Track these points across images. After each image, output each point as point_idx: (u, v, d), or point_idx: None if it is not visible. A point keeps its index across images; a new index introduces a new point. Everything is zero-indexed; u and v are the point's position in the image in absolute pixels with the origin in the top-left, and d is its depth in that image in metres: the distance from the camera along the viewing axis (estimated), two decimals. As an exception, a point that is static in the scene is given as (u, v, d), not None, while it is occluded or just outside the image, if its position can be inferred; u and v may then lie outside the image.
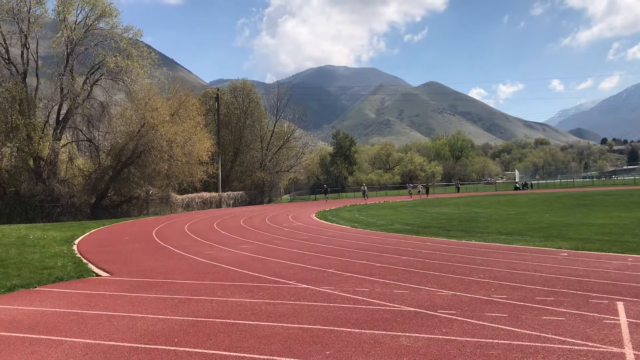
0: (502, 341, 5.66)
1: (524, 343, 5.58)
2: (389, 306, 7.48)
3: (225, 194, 54.90)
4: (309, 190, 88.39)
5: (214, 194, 52.80)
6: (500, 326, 6.27)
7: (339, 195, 76.33)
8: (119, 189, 44.02)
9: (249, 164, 66.16)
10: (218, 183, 55.05)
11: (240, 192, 58.95)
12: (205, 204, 49.88)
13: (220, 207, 51.38)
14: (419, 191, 64.73)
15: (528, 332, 6.00)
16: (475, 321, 6.53)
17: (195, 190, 51.02)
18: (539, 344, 5.52)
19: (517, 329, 6.12)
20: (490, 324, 6.37)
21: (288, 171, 71.06)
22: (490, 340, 5.69)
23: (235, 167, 64.77)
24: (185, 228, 23.89)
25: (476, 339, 5.75)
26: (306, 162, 76.75)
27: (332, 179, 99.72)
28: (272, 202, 63.30)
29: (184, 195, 48.56)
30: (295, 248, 15.05)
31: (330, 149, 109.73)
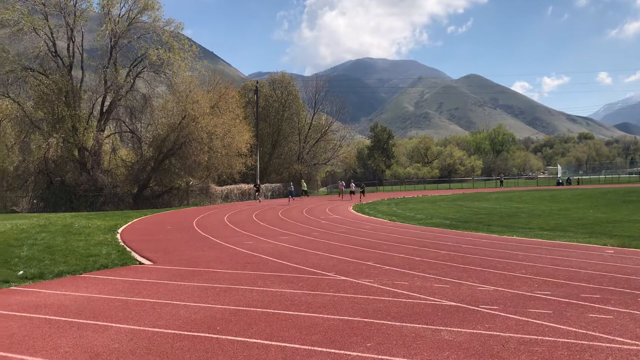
0: (547, 338, 5.54)
1: (569, 341, 5.45)
2: (430, 300, 7.42)
3: (263, 185, 55.33)
4: (346, 184, 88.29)
5: (252, 185, 53.29)
6: (545, 323, 6.14)
7: (375, 189, 76.03)
8: (160, 179, 44.90)
9: (287, 156, 66.47)
10: (256, 175, 55.49)
11: (278, 184, 59.31)
12: (244, 196, 50.40)
13: (258, 199, 51.79)
14: (352, 192, 45.71)
15: (574, 329, 5.85)
16: (519, 317, 6.41)
17: (234, 182, 51.57)
18: (586, 342, 5.39)
19: (562, 326, 5.98)
20: (534, 321, 6.24)
21: (325, 164, 71.11)
22: (534, 337, 5.58)
23: (273, 160, 65.17)
24: (225, 219, 24.19)
25: (520, 335, 5.65)
26: (343, 155, 76.68)
27: (369, 172, 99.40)
28: (308, 195, 63.55)
29: (223, 187, 49.18)
30: (333, 240, 15.07)
31: (368, 142, 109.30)
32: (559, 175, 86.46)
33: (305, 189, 52.55)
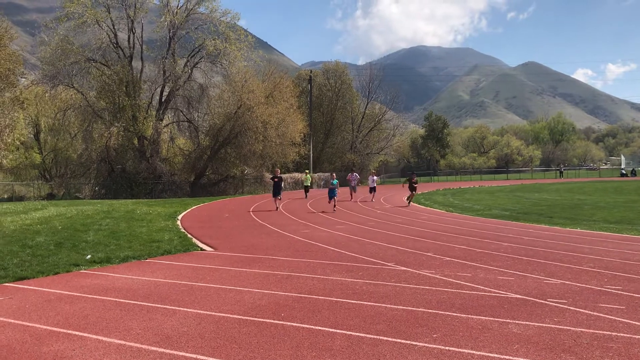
0: (622, 334, 5.34)
1: (646, 338, 5.23)
2: (495, 292, 7.27)
3: (315, 175, 55.56)
4: (399, 173, 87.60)
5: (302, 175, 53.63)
6: (618, 319, 5.91)
7: (430, 179, 75.08)
8: (216, 168, 45.72)
9: (340, 145, 66.45)
10: (309, 164, 55.76)
11: (329, 174, 59.40)
12: (297, 184, 50.74)
13: (312, 187, 52.09)
14: (372, 189, 30.95)
15: (650, 326, 5.61)
16: (590, 312, 6.20)
17: (288, 171, 51.97)
18: (665, 340, 5.15)
19: (637, 323, 5.74)
20: (607, 316, 6.02)
21: (378, 153, 70.68)
22: (608, 333, 5.39)
23: (325, 149, 65.29)
24: (281, 207, 24.42)
25: (592, 331, 5.46)
26: (397, 145, 76.03)
27: (423, 162, 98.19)
28: (362, 184, 63.35)
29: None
30: (390, 230, 14.98)
31: (422, 131, 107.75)
32: (622, 166, 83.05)
33: (308, 183, 35.32)
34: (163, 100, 43.75)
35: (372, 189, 30.71)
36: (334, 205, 22.32)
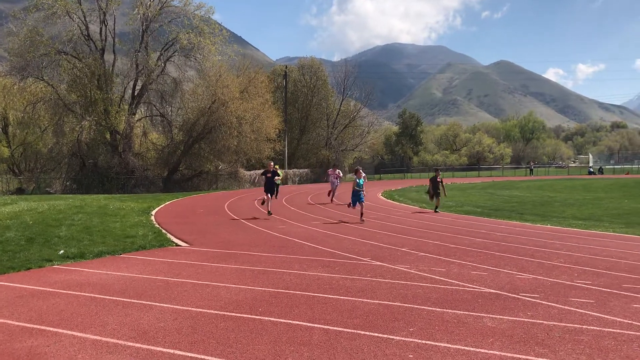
0: (592, 327, 5.48)
1: (615, 330, 5.38)
2: (469, 287, 7.39)
3: (291, 171, 55.53)
4: (373, 170, 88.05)
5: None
6: (589, 312, 6.07)
7: (403, 176, 75.66)
8: (190, 163, 45.39)
9: (315, 142, 66.49)
10: (284, 160, 55.69)
11: (306, 170, 59.44)
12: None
13: (286, 184, 52.04)
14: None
15: (619, 319, 5.78)
16: (561, 306, 6.35)
17: (263, 167, 51.75)
18: (633, 333, 5.31)
19: (606, 316, 5.90)
20: (577, 310, 6.18)
21: (353, 150, 70.93)
22: (579, 326, 5.53)
23: (301, 145, 65.27)
24: (255, 203, 24.35)
25: (564, 324, 5.60)
26: (371, 142, 76.37)
27: (396, 159, 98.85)
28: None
29: (252, 171, 49.47)
30: (365, 226, 15.07)
31: (396, 128, 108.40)
32: (590, 165, 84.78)
33: (279, 182, 25.67)
34: (136, 94, 43.20)
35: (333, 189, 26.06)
36: (362, 214, 16.40)
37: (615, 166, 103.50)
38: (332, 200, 25.33)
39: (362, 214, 16.36)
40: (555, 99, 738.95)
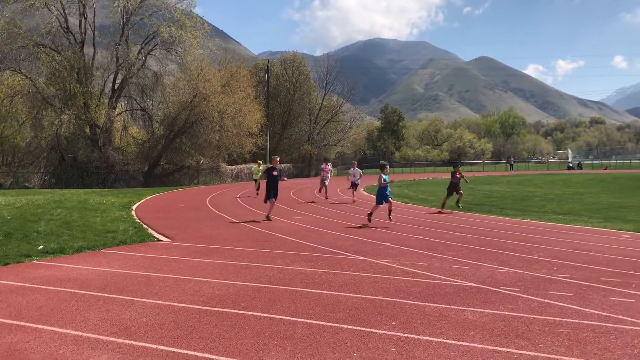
0: (571, 320, 5.57)
1: (593, 323, 5.47)
2: (450, 281, 7.45)
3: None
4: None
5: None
6: (567, 305, 6.16)
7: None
8: (171, 158, 45.04)
9: (297, 136, 66.41)
10: (266, 155, 55.53)
11: (288, 165, 59.33)
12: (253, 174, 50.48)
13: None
14: (354, 184, 22.90)
15: (597, 312, 5.88)
16: (541, 299, 6.44)
17: (245, 162, 51.62)
18: (610, 325, 5.41)
19: (585, 309, 6.00)
20: (556, 303, 6.27)
21: (335, 145, 71.00)
22: (558, 319, 5.61)
23: (283, 140, 65.13)
24: (237, 198, 24.28)
25: (543, 317, 5.68)
26: (353, 137, 76.48)
27: (379, 154, 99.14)
28: (319, 176, 63.49)
29: (233, 166, 49.27)
30: (348, 221, 15.11)
31: (378, 123, 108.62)
32: (569, 160, 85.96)
33: (256, 177, 26.22)
34: (116, 87, 42.69)
35: (355, 185, 22.82)
36: (390, 211, 15.10)
37: (594, 161, 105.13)
38: (326, 197, 23.41)
39: (390, 211, 15.06)
40: (535, 95, 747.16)
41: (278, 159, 16.82)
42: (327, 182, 23.97)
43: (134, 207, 19.05)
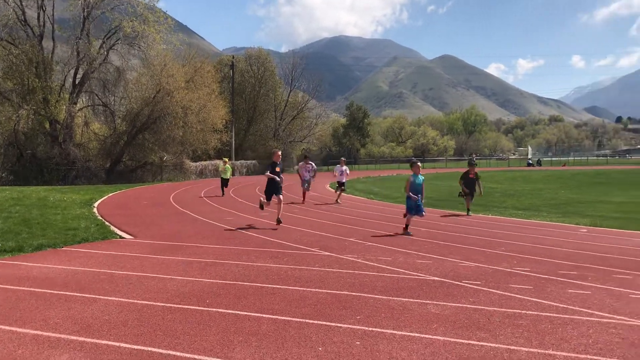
0: (530, 312, 5.72)
1: (551, 314, 5.64)
2: (414, 275, 7.56)
3: (238, 162, 55.05)
4: (322, 162, 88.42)
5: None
6: (527, 297, 6.33)
7: (351, 168, 76.21)
8: (133, 154, 44.32)
9: (263, 133, 66.17)
10: (231, 151, 55.16)
11: (253, 161, 59.09)
12: (219, 172, 50.04)
13: (233, 175, 51.58)
14: (340, 185, 20.66)
15: (555, 304, 6.06)
16: (502, 292, 6.60)
17: (209, 158, 51.19)
18: (567, 316, 5.58)
19: (543, 301, 6.18)
20: (517, 295, 6.43)
21: (301, 141, 71.01)
22: (518, 311, 5.76)
23: (248, 136, 64.82)
24: (202, 194, 24.08)
25: (504, 309, 5.82)
26: (319, 133, 76.63)
27: (344, 150, 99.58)
28: (284, 172, 63.31)
29: (198, 163, 48.78)
30: (314, 217, 15.16)
31: (343, 120, 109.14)
32: (529, 157, 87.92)
33: (227, 175, 24.59)
34: (77, 82, 41.70)
35: (341, 184, 20.56)
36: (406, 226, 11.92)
37: (553, 158, 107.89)
38: (304, 200, 20.23)
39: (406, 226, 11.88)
40: (496, 93, 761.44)
41: (279, 152, 13.93)
42: (307, 184, 20.44)
43: (95, 204, 18.69)
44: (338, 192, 20.59)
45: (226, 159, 25.84)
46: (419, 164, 12.04)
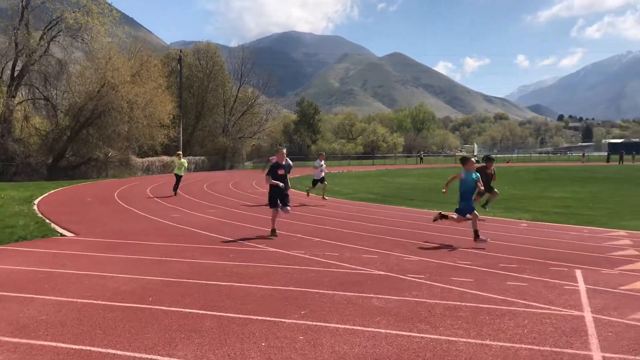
0: (470, 304, 5.89)
1: (490, 306, 5.81)
2: (360, 270, 7.65)
3: (185, 158, 54.14)
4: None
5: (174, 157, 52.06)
6: (467, 290, 6.50)
7: (302, 164, 76.29)
8: (77, 150, 42.93)
9: (212, 128, 65.28)
10: (179, 147, 54.22)
11: (202, 157, 58.28)
12: (166, 168, 49.15)
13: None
14: (318, 180, 20.22)
15: (494, 296, 6.25)
16: (443, 285, 6.75)
17: (156, 154, 50.14)
18: (505, 307, 5.77)
19: (483, 293, 6.36)
20: (458, 288, 6.60)
21: (251, 137, 70.46)
22: (458, 303, 5.91)
23: (197, 132, 63.83)
24: (148, 191, 23.60)
25: (445, 302, 5.97)
26: (269, 129, 76.20)
27: (295, 147, 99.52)
28: (233, 168, 62.84)
29: (144, 159, 47.73)
30: (262, 214, 15.08)
31: (294, 116, 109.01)
32: (475, 154, 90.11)
33: (182, 172, 22.95)
34: (15, 75, 40.02)
35: (321, 180, 19.94)
36: (476, 233, 10.16)
37: (498, 155, 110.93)
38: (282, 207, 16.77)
39: (476, 232, 10.17)
40: (444, 90, 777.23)
41: (285, 150, 11.74)
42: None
43: (36, 202, 18.06)
44: (323, 188, 19.98)
45: (180, 153, 24.41)
46: (472, 160, 11.05)
